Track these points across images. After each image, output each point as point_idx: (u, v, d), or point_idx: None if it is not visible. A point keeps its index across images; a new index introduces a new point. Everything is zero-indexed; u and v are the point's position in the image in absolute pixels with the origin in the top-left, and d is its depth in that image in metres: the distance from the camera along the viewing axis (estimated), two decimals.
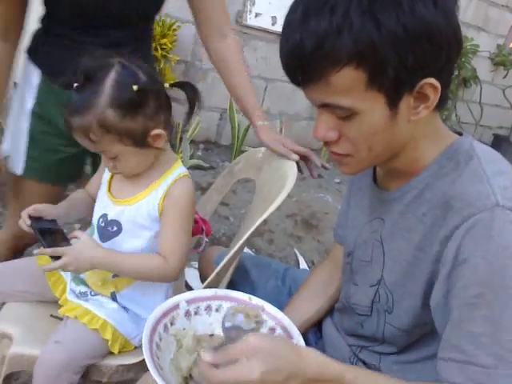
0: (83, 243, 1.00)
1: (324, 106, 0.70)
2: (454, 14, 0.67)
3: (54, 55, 1.18)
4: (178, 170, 1.05)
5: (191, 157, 3.29)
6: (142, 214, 1.03)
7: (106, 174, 1.13)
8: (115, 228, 1.05)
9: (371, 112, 0.68)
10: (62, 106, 0.96)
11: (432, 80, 0.67)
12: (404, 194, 0.79)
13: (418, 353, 0.82)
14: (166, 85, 1.00)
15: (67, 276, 1.13)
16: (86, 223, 1.23)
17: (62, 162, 1.28)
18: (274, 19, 3.65)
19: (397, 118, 0.69)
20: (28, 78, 1.24)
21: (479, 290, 0.64)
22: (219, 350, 0.65)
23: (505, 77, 5.10)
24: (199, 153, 3.63)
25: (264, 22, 3.63)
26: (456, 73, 4.57)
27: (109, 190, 1.09)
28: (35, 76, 1.22)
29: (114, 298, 1.09)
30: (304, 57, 0.65)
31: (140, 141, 0.97)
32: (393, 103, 0.68)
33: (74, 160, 1.30)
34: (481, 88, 4.89)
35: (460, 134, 0.79)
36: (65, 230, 1.08)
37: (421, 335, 0.81)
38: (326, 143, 0.75)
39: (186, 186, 1.04)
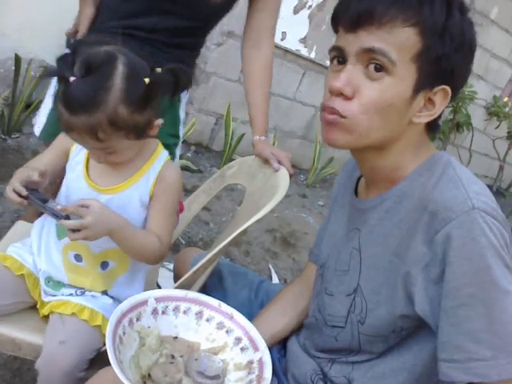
0: (101, 207, 0.91)
1: (362, 53, 0.71)
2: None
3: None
4: (163, 153, 1.03)
5: (181, 157, 3.26)
6: (133, 202, 0.99)
7: (74, 162, 1.02)
8: None
9: (399, 82, 0.72)
10: (56, 101, 0.87)
11: (447, 88, 0.73)
12: (382, 202, 0.81)
13: (393, 361, 0.81)
14: (159, 70, 0.93)
15: (40, 277, 1.03)
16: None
17: None
18: (283, 35, 3.67)
19: (409, 108, 0.74)
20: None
21: (470, 289, 0.67)
22: None
23: (497, 127, 5.21)
24: (189, 154, 3.62)
25: None
26: (451, 116, 4.65)
27: (88, 178, 1.00)
28: None
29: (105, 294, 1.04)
30: None
31: (142, 133, 0.92)
32: (417, 89, 0.72)
33: None
34: (472, 135, 4.98)
35: None
36: None
37: (397, 341, 0.80)
38: (334, 97, 0.74)
39: (176, 169, 1.04)
